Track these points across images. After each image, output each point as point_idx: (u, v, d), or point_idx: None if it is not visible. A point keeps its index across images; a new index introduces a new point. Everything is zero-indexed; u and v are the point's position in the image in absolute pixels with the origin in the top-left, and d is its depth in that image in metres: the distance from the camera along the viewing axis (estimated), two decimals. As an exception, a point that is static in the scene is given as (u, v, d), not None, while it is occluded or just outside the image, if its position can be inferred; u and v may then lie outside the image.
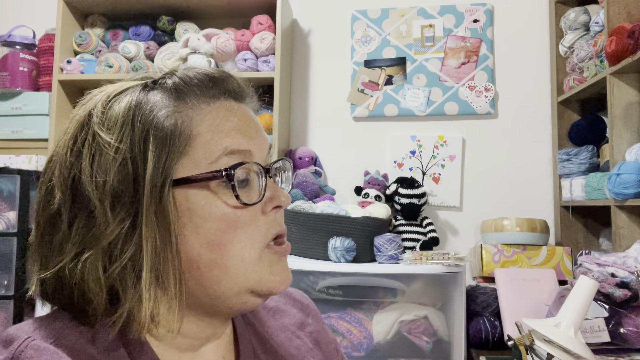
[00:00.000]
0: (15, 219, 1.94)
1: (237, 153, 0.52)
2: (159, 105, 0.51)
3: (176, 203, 0.50)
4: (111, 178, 0.48)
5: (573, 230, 1.98)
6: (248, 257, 0.52)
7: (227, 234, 0.51)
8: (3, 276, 1.92)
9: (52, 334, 0.49)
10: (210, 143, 0.51)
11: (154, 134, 0.50)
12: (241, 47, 2.10)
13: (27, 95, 2.21)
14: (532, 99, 2.15)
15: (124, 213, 0.49)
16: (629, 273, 1.30)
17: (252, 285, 0.53)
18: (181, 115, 0.51)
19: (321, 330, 0.72)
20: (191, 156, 0.51)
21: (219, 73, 0.56)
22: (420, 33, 2.22)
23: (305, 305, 0.73)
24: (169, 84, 0.54)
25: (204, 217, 0.50)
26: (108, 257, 0.49)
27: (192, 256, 0.51)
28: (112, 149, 0.49)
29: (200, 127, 0.52)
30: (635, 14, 1.57)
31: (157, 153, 0.49)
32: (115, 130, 0.50)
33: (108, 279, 0.48)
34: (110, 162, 0.49)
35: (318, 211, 1.78)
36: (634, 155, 1.48)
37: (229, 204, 0.51)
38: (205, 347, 0.58)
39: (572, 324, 1.04)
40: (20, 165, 2.12)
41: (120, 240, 0.48)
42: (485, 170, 2.15)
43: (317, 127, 2.29)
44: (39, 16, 2.42)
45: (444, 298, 1.70)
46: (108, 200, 0.48)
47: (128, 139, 0.49)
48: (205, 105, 0.53)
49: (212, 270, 0.51)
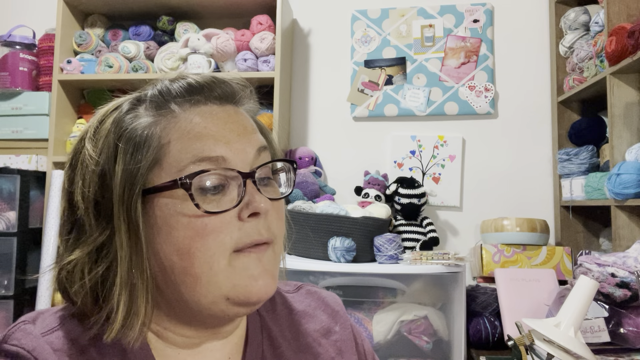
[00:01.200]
0: (15, 219, 1.94)
1: (206, 160, 0.51)
2: (139, 117, 0.53)
3: (148, 212, 0.51)
4: (92, 189, 0.52)
5: (573, 230, 1.98)
6: (217, 265, 0.51)
7: (194, 242, 0.50)
8: (3, 276, 1.92)
9: (52, 322, 0.54)
10: (180, 151, 0.51)
11: (122, 146, 0.52)
12: (241, 47, 2.10)
13: (27, 95, 2.21)
14: (532, 99, 2.15)
15: (105, 222, 0.51)
16: (629, 273, 1.30)
17: (225, 292, 0.52)
18: (157, 125, 0.53)
19: (347, 340, 0.69)
20: (163, 165, 0.52)
21: (203, 80, 0.55)
22: (420, 33, 2.22)
23: (336, 311, 0.70)
24: (149, 96, 0.55)
25: (171, 226, 0.51)
26: (93, 261, 0.52)
27: (166, 264, 0.52)
28: (93, 161, 0.52)
29: (171, 135, 0.52)
30: (635, 14, 1.57)
31: (125, 163, 0.51)
32: (99, 143, 0.53)
33: (90, 282, 0.52)
34: (91, 174, 0.52)
35: (318, 211, 1.78)
36: (634, 155, 1.48)
37: (196, 211, 0.50)
38: (208, 344, 0.58)
39: (572, 324, 1.04)
40: (20, 165, 2.12)
41: (104, 247, 0.52)
42: (485, 170, 2.15)
43: (317, 127, 2.29)
44: (39, 16, 2.42)
45: (444, 298, 1.70)
46: (91, 210, 0.52)
47: (105, 151, 0.52)
48: (180, 112, 0.53)
49: (184, 278, 0.52)
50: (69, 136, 2.17)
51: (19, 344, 0.51)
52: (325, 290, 0.73)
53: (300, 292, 0.71)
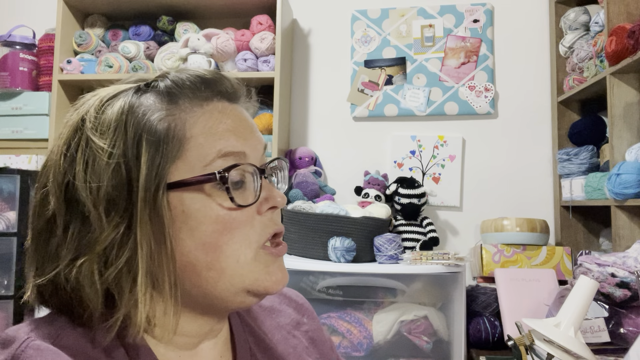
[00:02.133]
0: (15, 219, 1.94)
1: (230, 155, 0.52)
2: (151, 109, 0.51)
3: (170, 206, 0.50)
4: (105, 183, 0.48)
5: (573, 230, 1.98)
6: (243, 258, 0.52)
7: (222, 236, 0.51)
8: (3, 276, 1.92)
9: (50, 334, 0.49)
10: (204, 146, 0.51)
11: (146, 138, 0.50)
12: (241, 47, 2.10)
13: (27, 95, 2.21)
14: (532, 99, 2.15)
15: (119, 218, 0.49)
16: (629, 273, 1.30)
17: (248, 285, 0.53)
18: (174, 119, 0.51)
19: (317, 329, 0.73)
20: (185, 159, 0.51)
21: (211, 74, 0.56)
22: (420, 33, 2.22)
23: (300, 304, 0.74)
24: (161, 87, 0.53)
25: (198, 220, 0.50)
26: (104, 261, 0.49)
27: (188, 259, 0.51)
28: (106, 154, 0.49)
29: (194, 130, 0.51)
30: (635, 14, 1.57)
31: (151, 157, 0.49)
32: (108, 135, 0.50)
33: (103, 284, 0.49)
34: (103, 168, 0.49)
35: (318, 211, 1.78)
36: (634, 155, 1.48)
37: (224, 206, 0.51)
38: (203, 345, 0.58)
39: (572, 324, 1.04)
40: (20, 165, 2.12)
41: (115, 244, 0.49)
42: (485, 170, 2.15)
43: (317, 127, 2.29)
44: (39, 16, 2.42)
45: (444, 298, 1.70)
46: (102, 206, 0.48)
47: (121, 143, 0.49)
48: (198, 108, 0.53)
49: (208, 272, 0.51)
50: (68, 136, 2.16)
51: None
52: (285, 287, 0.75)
53: None
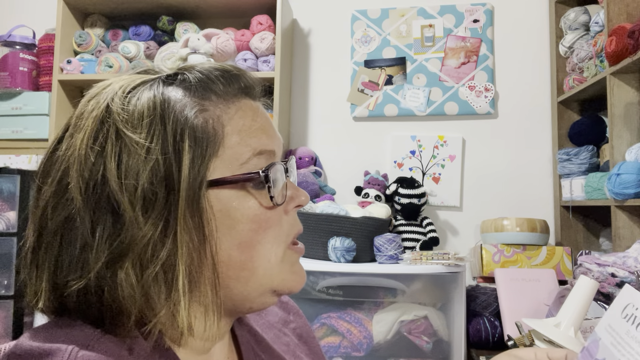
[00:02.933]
0: (15, 219, 1.94)
1: (264, 153, 0.52)
2: (184, 103, 0.49)
3: (209, 205, 0.49)
4: (143, 180, 0.45)
5: (573, 230, 1.98)
6: (274, 258, 0.52)
7: (258, 235, 0.51)
8: (3, 276, 1.92)
9: (83, 343, 0.44)
10: (240, 144, 0.51)
11: (189, 134, 0.47)
12: (241, 47, 2.10)
13: (27, 95, 2.21)
14: (532, 99, 2.15)
15: (156, 217, 0.46)
16: (629, 273, 1.30)
17: (275, 285, 0.53)
18: (209, 115, 0.50)
19: (303, 326, 0.74)
20: (222, 157, 0.49)
21: (235, 69, 0.54)
22: (420, 33, 2.22)
23: (285, 302, 0.74)
24: (191, 80, 0.51)
25: (236, 219, 0.50)
26: (139, 263, 0.46)
27: (222, 258, 0.50)
28: (143, 149, 0.46)
29: (228, 127, 0.50)
30: (635, 14, 1.57)
31: (193, 154, 0.47)
32: (142, 128, 0.47)
33: (143, 287, 0.45)
34: (141, 163, 0.46)
35: (318, 211, 1.78)
36: (634, 155, 1.48)
37: (262, 204, 0.51)
38: (215, 347, 0.58)
39: (572, 324, 1.04)
40: (20, 165, 2.12)
41: (151, 245, 0.45)
42: (485, 170, 2.15)
43: (317, 127, 2.29)
44: (39, 16, 2.42)
45: (444, 298, 1.70)
46: (139, 204, 0.45)
47: (159, 138, 0.47)
48: (231, 105, 0.52)
49: (241, 272, 0.51)
50: (69, 136, 2.16)
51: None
52: None
53: None
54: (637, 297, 0.51)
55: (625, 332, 0.50)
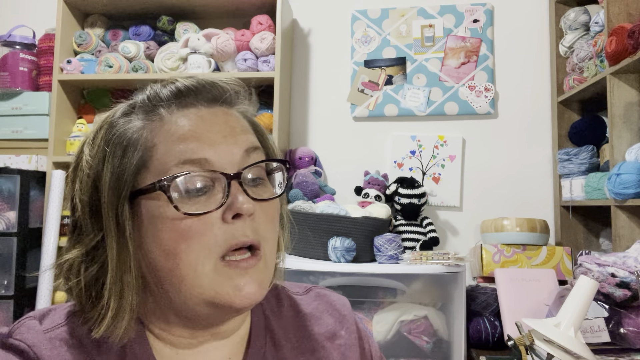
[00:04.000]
0: (15, 219, 1.94)
1: (189, 162, 0.52)
2: (131, 122, 0.54)
3: (136, 213, 0.53)
4: (86, 192, 0.54)
5: (573, 230, 1.98)
6: (201, 268, 0.51)
7: (179, 244, 0.51)
8: (3, 276, 1.92)
9: (57, 319, 0.56)
10: (165, 154, 0.52)
11: (110, 150, 0.53)
12: (241, 47, 2.10)
13: (27, 95, 2.21)
14: (532, 99, 2.15)
15: (98, 224, 0.53)
16: (629, 273, 1.30)
17: (207, 297, 0.52)
18: (143, 129, 0.54)
19: (352, 345, 0.68)
20: (149, 167, 0.52)
21: (192, 83, 0.56)
22: (420, 33, 2.22)
23: (343, 315, 0.70)
24: (139, 101, 0.56)
25: (157, 227, 0.52)
26: (89, 261, 0.54)
27: (154, 263, 0.53)
28: (88, 165, 0.54)
29: (157, 138, 0.53)
30: (635, 14, 1.57)
31: (112, 166, 0.52)
32: (94, 148, 0.55)
33: (85, 279, 0.54)
34: (86, 178, 0.54)
35: (318, 211, 1.78)
36: (634, 155, 1.48)
37: (179, 214, 0.51)
38: (208, 345, 0.58)
39: (572, 324, 1.04)
40: (20, 165, 2.12)
41: (98, 247, 0.53)
42: (485, 170, 2.15)
43: (317, 127, 2.29)
44: (39, 16, 2.42)
45: (444, 298, 1.70)
46: (87, 212, 0.54)
47: (97, 155, 0.54)
48: (168, 116, 0.54)
49: (171, 278, 0.52)
50: (69, 136, 2.17)
51: (21, 338, 0.53)
52: (336, 294, 0.72)
53: (310, 295, 0.71)
54: None
55: None
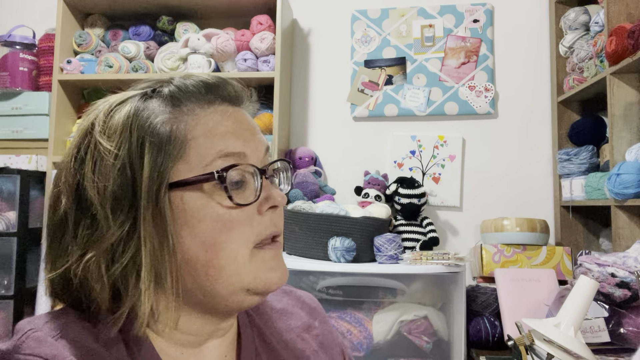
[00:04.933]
0: (15, 219, 1.94)
1: (230, 155, 0.54)
2: (155, 113, 0.54)
3: (172, 205, 0.52)
4: (111, 183, 0.51)
5: (573, 230, 1.98)
6: (241, 257, 0.53)
7: (221, 234, 0.52)
8: (3, 276, 1.92)
9: (57, 327, 0.52)
10: (204, 146, 0.53)
11: (149, 140, 0.52)
12: (241, 47, 2.10)
13: (27, 95, 2.21)
14: (532, 99, 2.15)
15: (124, 216, 0.51)
16: (629, 273, 1.30)
17: (247, 284, 0.54)
18: (177, 121, 0.54)
19: (327, 334, 0.73)
20: (186, 160, 0.52)
21: (214, 80, 0.58)
22: (420, 33, 2.22)
23: (313, 308, 0.74)
24: (165, 92, 0.56)
25: (199, 218, 0.52)
26: (110, 257, 0.51)
27: (189, 256, 0.52)
28: (112, 155, 0.52)
29: (194, 131, 0.53)
30: (635, 14, 1.58)
31: (153, 158, 0.51)
32: (114, 137, 0.52)
33: (110, 278, 0.51)
34: (110, 168, 0.51)
35: (318, 211, 1.78)
36: (634, 155, 1.48)
37: (223, 204, 0.53)
38: (209, 343, 0.59)
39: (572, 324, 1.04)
40: (20, 165, 2.12)
41: (121, 241, 0.51)
42: (485, 170, 2.15)
43: (317, 127, 2.29)
44: (39, 16, 2.42)
45: (444, 298, 1.70)
46: (109, 204, 0.51)
47: (126, 145, 0.52)
48: (200, 111, 0.55)
49: (208, 270, 0.53)
50: (69, 136, 2.17)
51: (34, 352, 0.48)
52: (300, 290, 0.77)
53: (277, 292, 0.74)
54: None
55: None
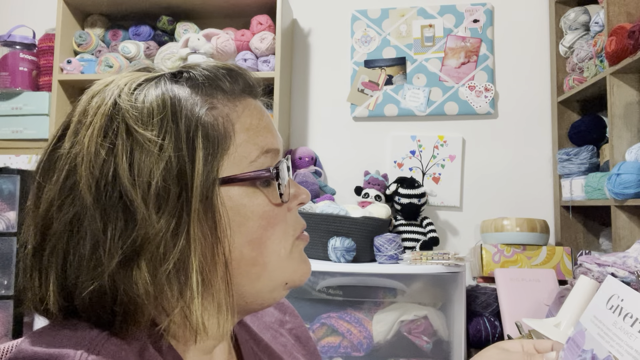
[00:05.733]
0: (15, 219, 1.94)
1: (271, 152, 0.53)
2: (194, 100, 0.49)
3: (222, 203, 0.49)
4: (156, 177, 0.45)
5: (573, 230, 1.98)
6: (283, 252, 0.54)
7: (267, 231, 0.52)
8: (3, 276, 1.92)
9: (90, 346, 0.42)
10: (248, 142, 0.51)
11: (201, 131, 0.48)
12: (241, 47, 2.10)
13: (27, 95, 2.21)
14: (532, 99, 2.15)
15: (169, 214, 0.45)
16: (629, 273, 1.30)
17: (287, 277, 0.54)
18: (219, 112, 0.50)
19: (300, 326, 0.74)
20: (232, 155, 0.50)
21: (237, 68, 0.55)
22: (420, 33, 2.22)
23: (281, 303, 0.74)
24: (198, 77, 0.51)
25: (246, 216, 0.50)
26: (153, 261, 0.45)
27: (234, 255, 0.50)
28: (156, 146, 0.46)
29: (237, 125, 0.51)
30: (635, 14, 1.57)
31: (205, 151, 0.47)
32: (153, 126, 0.46)
33: (158, 285, 0.45)
34: (154, 161, 0.45)
35: (318, 211, 1.78)
36: (634, 155, 1.48)
37: (270, 201, 0.52)
38: (218, 348, 0.57)
39: (572, 324, 1.04)
40: (20, 165, 2.12)
41: (164, 242, 0.45)
42: (485, 170, 2.15)
43: (317, 127, 2.29)
44: (39, 16, 2.42)
45: (444, 298, 1.70)
46: (152, 201, 0.45)
47: (172, 135, 0.46)
48: (237, 103, 0.53)
49: (252, 268, 0.51)
50: (69, 136, 2.17)
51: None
52: None
53: None
54: (621, 289, 0.52)
55: (612, 324, 0.51)
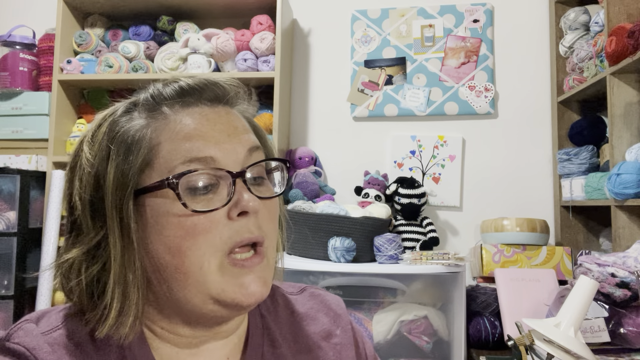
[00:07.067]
0: (15, 219, 1.94)
1: (195, 160, 0.52)
2: (133, 120, 0.55)
3: (140, 211, 0.53)
4: (88, 190, 0.53)
5: (573, 230, 1.98)
6: (207, 265, 0.52)
7: (185, 241, 0.51)
8: (3, 276, 1.92)
9: (56, 320, 0.55)
10: (170, 152, 0.52)
11: (114, 148, 0.53)
12: (241, 47, 2.10)
13: (27, 95, 2.21)
14: (532, 99, 2.15)
15: (100, 222, 0.53)
16: (629, 273, 1.30)
17: (214, 294, 0.52)
18: (149, 127, 0.54)
19: (347, 344, 0.69)
20: (154, 166, 0.53)
21: (195, 83, 0.56)
22: (420, 33, 2.22)
23: (338, 315, 0.70)
24: (142, 99, 0.56)
25: (162, 225, 0.52)
26: (90, 260, 0.53)
27: (158, 262, 0.53)
28: (89, 163, 0.54)
29: (162, 136, 0.53)
30: (635, 14, 1.58)
31: (116, 165, 0.52)
32: (94, 146, 0.54)
33: (85, 280, 0.53)
34: (87, 176, 0.54)
35: (318, 211, 1.78)
36: (634, 155, 1.48)
37: (185, 211, 0.51)
38: (209, 345, 0.58)
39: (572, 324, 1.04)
40: (20, 165, 2.12)
41: (100, 246, 0.53)
42: (485, 170, 2.15)
43: (317, 127, 2.29)
44: (39, 16, 2.42)
45: (444, 298, 1.70)
46: (87, 211, 0.53)
47: (99, 153, 0.54)
48: (172, 115, 0.54)
49: (176, 275, 0.52)
50: (69, 136, 2.17)
51: (20, 342, 0.53)
52: (330, 293, 0.73)
53: (304, 295, 0.71)
54: None
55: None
